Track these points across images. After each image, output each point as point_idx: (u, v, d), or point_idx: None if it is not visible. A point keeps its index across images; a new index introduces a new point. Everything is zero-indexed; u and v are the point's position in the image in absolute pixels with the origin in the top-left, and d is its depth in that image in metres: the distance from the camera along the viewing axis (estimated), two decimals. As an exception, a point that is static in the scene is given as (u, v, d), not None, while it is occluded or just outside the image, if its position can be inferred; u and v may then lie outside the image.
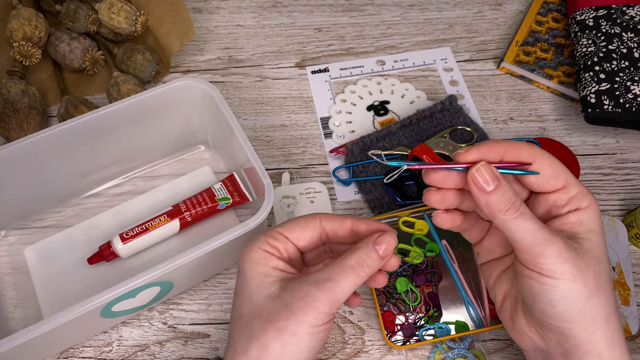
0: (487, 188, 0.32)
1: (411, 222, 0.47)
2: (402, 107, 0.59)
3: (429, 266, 0.46)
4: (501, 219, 0.32)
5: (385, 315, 0.43)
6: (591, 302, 0.32)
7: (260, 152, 0.56)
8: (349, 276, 0.32)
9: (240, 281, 0.34)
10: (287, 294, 0.32)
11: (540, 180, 0.34)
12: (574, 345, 0.33)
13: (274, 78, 0.61)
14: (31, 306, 0.45)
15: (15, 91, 0.53)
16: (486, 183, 0.32)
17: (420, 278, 0.44)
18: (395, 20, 0.67)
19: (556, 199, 0.34)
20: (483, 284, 0.44)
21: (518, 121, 0.58)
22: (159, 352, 0.44)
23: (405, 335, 0.43)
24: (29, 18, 0.54)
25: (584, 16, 0.59)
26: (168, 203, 0.50)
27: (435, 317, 0.43)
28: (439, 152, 0.51)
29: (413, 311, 0.44)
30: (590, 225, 0.33)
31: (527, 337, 0.35)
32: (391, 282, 0.45)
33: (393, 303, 0.44)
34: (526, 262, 0.32)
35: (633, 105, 0.51)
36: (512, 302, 0.37)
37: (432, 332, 0.43)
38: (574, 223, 0.33)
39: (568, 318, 0.32)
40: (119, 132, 0.48)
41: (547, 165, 0.34)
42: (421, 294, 0.44)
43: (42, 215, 0.50)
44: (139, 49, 0.58)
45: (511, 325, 0.37)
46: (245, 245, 0.35)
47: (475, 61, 0.63)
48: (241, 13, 0.67)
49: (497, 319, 0.43)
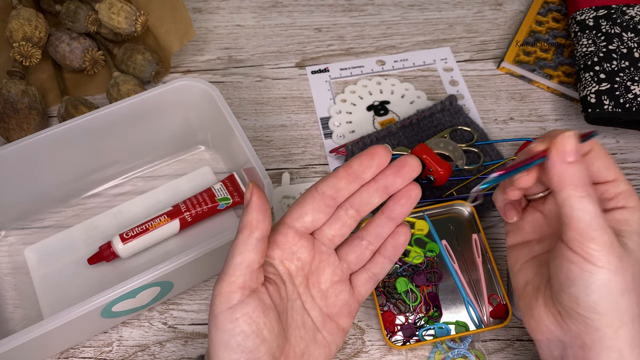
0: (568, 158, 0.31)
1: (411, 222, 0.47)
2: (402, 107, 0.59)
3: (429, 266, 0.46)
4: (568, 193, 0.31)
5: (385, 316, 0.43)
6: (625, 299, 0.32)
7: (260, 152, 0.56)
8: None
9: None
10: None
11: (593, 168, 0.34)
12: (596, 339, 0.32)
13: (274, 78, 0.61)
14: (31, 306, 0.45)
15: (15, 91, 0.53)
16: (570, 153, 0.31)
17: (420, 278, 0.45)
18: (395, 20, 0.67)
19: (604, 191, 0.34)
20: (483, 284, 0.44)
21: (518, 121, 0.58)
22: (159, 352, 0.44)
23: (405, 335, 0.43)
24: (29, 18, 0.54)
25: (584, 16, 0.59)
26: (168, 203, 0.50)
27: (435, 317, 0.43)
28: (439, 152, 0.51)
29: (413, 311, 0.44)
30: (635, 226, 0.33)
31: (544, 326, 0.35)
32: (391, 282, 0.45)
33: (393, 303, 0.44)
34: (574, 244, 0.32)
35: (633, 105, 0.51)
36: (533, 289, 0.36)
37: (432, 332, 0.43)
38: (619, 221, 0.33)
39: (599, 309, 0.32)
40: (119, 132, 0.48)
41: (602, 155, 0.34)
42: (421, 294, 0.44)
43: (42, 216, 0.50)
44: (139, 49, 0.58)
45: (529, 312, 0.36)
46: None
47: (476, 61, 0.63)
48: (241, 13, 0.67)
49: (497, 319, 0.43)
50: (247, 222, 0.32)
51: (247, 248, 0.31)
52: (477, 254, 0.45)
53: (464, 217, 0.47)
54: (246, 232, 0.32)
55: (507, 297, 0.45)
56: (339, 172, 0.34)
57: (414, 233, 0.47)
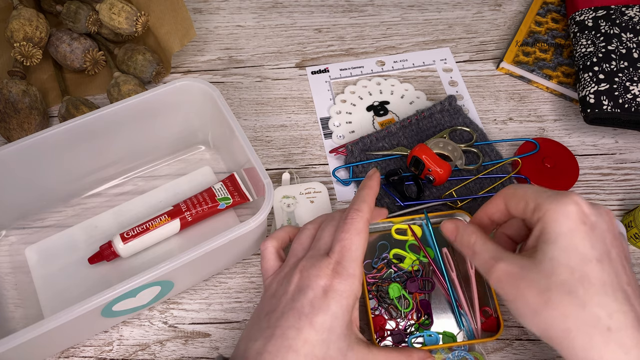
0: (452, 238, 0.38)
1: (403, 229, 0.47)
2: (402, 107, 0.59)
3: (423, 274, 0.45)
4: (467, 258, 0.38)
5: (376, 320, 0.43)
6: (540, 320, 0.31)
7: (260, 152, 0.56)
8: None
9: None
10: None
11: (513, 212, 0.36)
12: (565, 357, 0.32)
13: (274, 78, 0.62)
14: (32, 306, 0.46)
15: (16, 91, 0.53)
16: (451, 235, 0.38)
17: (413, 285, 0.44)
18: (395, 20, 0.67)
19: (528, 220, 0.35)
20: (475, 295, 0.43)
21: (517, 121, 0.58)
22: (160, 351, 0.44)
23: (394, 341, 0.42)
24: (30, 18, 0.54)
25: (583, 17, 0.59)
26: (168, 203, 0.50)
27: (426, 324, 0.43)
28: (439, 152, 0.51)
29: (404, 317, 0.43)
30: (546, 234, 0.32)
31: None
32: (384, 287, 0.44)
33: (385, 308, 0.44)
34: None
35: (632, 106, 0.51)
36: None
37: (422, 339, 0.42)
38: (536, 236, 0.33)
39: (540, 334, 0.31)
40: (119, 132, 0.48)
41: (510, 197, 0.36)
42: (413, 301, 0.44)
43: (42, 215, 0.50)
44: (140, 50, 0.58)
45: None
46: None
47: (475, 62, 0.63)
48: (241, 14, 0.68)
49: (488, 331, 0.42)
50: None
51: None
52: (470, 264, 0.45)
53: None
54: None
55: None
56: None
57: (408, 240, 0.46)
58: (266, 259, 0.40)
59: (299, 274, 0.36)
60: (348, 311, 0.35)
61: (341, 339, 0.34)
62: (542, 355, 0.44)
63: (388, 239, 0.47)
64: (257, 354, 0.33)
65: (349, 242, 0.36)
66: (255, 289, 0.47)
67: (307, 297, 0.34)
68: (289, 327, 0.34)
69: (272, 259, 0.40)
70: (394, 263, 0.45)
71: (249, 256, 0.49)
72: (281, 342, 0.33)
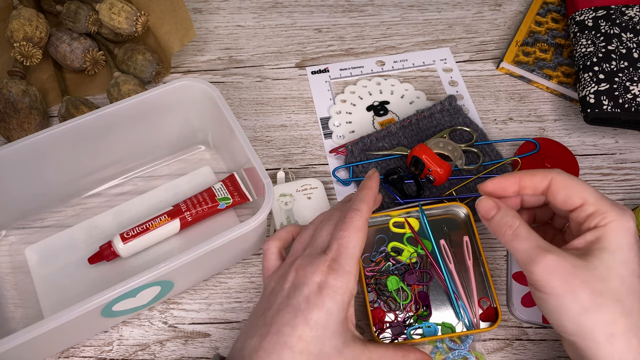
0: (487, 216, 0.37)
1: (400, 222, 0.47)
2: (402, 107, 0.59)
3: (421, 266, 0.45)
4: (502, 241, 0.36)
5: (375, 312, 0.43)
6: (587, 319, 0.32)
7: (260, 152, 0.56)
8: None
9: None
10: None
11: (558, 200, 0.36)
12: (584, 357, 0.33)
13: (274, 78, 0.62)
14: (32, 306, 0.46)
15: (16, 91, 0.53)
16: (486, 213, 0.37)
17: (411, 277, 0.44)
18: (395, 20, 0.67)
19: (576, 216, 0.35)
20: (474, 285, 0.44)
21: (517, 121, 0.58)
22: (159, 351, 0.44)
23: (393, 333, 0.43)
24: (30, 18, 0.54)
25: (584, 16, 0.59)
26: (168, 203, 0.50)
27: (424, 316, 0.43)
28: (439, 152, 0.51)
29: (403, 309, 0.43)
30: (605, 243, 0.33)
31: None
32: (382, 279, 0.45)
33: (384, 300, 0.44)
34: (527, 278, 0.35)
35: (632, 106, 0.51)
36: None
37: (421, 331, 0.43)
38: (590, 241, 0.34)
39: (566, 330, 0.33)
40: (119, 132, 0.48)
41: (562, 186, 0.36)
42: (412, 293, 0.44)
43: (42, 215, 0.50)
44: (140, 49, 0.58)
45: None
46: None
47: (475, 61, 0.63)
48: (241, 13, 0.68)
49: (487, 321, 0.43)
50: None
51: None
52: (468, 256, 0.45)
53: (459, 219, 0.47)
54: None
55: (507, 296, 0.45)
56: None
57: (406, 233, 0.47)
58: (267, 259, 0.41)
59: (295, 272, 0.36)
60: (343, 308, 0.35)
61: (336, 336, 0.34)
62: (542, 355, 0.44)
63: (386, 232, 0.47)
64: (253, 351, 0.34)
65: (347, 239, 0.36)
66: (255, 289, 0.47)
67: (303, 293, 0.35)
68: (284, 324, 0.34)
69: (273, 259, 0.40)
70: (392, 256, 0.45)
71: (249, 256, 0.49)
72: (276, 339, 0.33)
